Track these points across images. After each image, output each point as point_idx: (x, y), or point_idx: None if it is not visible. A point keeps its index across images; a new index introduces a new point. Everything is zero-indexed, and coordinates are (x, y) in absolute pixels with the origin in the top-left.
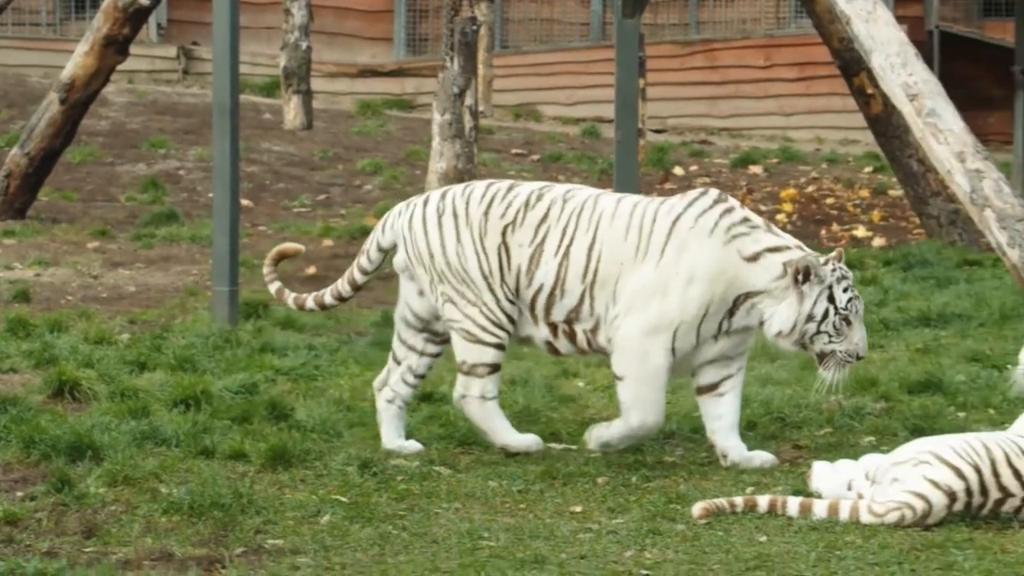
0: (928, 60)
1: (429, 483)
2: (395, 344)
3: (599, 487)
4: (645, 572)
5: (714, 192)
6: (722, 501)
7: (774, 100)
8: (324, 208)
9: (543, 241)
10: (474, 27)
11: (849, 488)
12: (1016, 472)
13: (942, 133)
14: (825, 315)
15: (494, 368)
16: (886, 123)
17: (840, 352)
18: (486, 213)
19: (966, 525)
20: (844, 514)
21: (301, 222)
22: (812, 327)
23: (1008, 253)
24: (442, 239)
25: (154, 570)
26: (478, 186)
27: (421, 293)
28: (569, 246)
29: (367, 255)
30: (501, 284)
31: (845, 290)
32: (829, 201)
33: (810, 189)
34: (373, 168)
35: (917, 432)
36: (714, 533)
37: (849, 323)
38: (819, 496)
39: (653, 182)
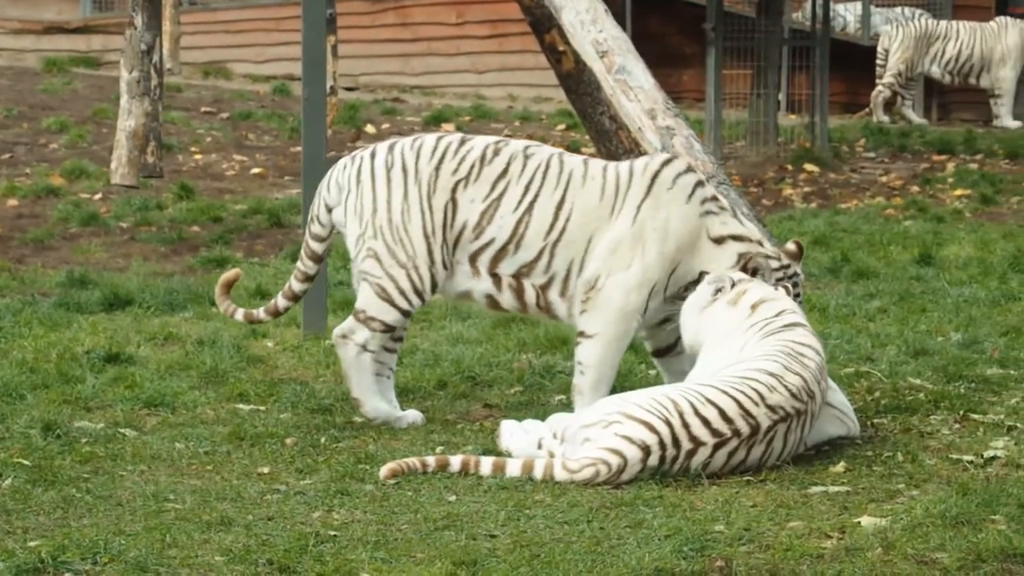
0: (620, 17)
1: (114, 445)
2: None
3: (287, 448)
4: (333, 533)
5: (685, 160)
6: (413, 461)
7: (466, 58)
8: (8, 167)
9: (500, 196)
10: None
11: (539, 447)
12: (704, 420)
13: (632, 90)
14: None
15: (389, 329)
16: (578, 80)
17: None
18: (437, 168)
19: (656, 483)
20: (538, 472)
21: None
22: None
23: None
24: (389, 194)
25: None
26: (428, 139)
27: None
28: (532, 202)
29: (317, 220)
30: (442, 244)
31: (792, 289)
32: None
33: None
34: (59, 126)
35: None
36: (403, 493)
37: None
38: (509, 455)
39: (345, 140)
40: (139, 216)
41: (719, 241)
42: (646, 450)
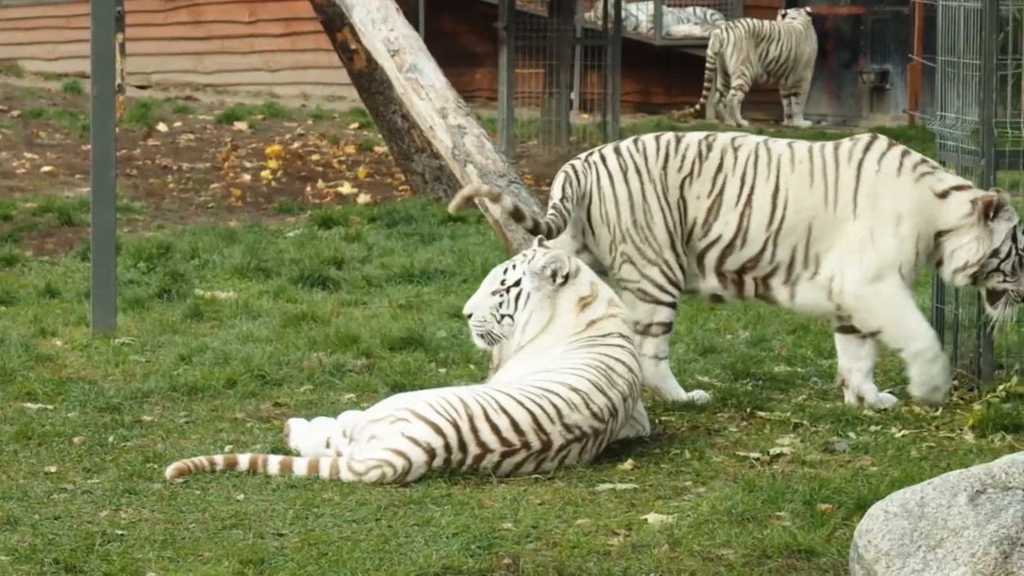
0: (412, 16)
1: None
2: None
3: (75, 447)
4: (120, 532)
5: (886, 138)
6: (201, 460)
7: (260, 56)
8: None
9: (721, 191)
10: None
11: (328, 445)
12: (494, 428)
13: (424, 89)
14: (1008, 254)
15: (667, 327)
16: (370, 79)
17: (1012, 291)
18: (664, 167)
19: (444, 481)
20: (324, 472)
21: None
22: (993, 263)
23: (491, 208)
24: (630, 197)
25: None
26: (648, 140)
27: (578, 251)
28: (751, 195)
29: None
30: (680, 238)
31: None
32: (315, 158)
33: (296, 146)
34: None
35: (398, 388)
36: (191, 492)
37: (1022, 264)
38: (297, 454)
39: (136, 138)
40: None
41: (944, 195)
42: (431, 453)
